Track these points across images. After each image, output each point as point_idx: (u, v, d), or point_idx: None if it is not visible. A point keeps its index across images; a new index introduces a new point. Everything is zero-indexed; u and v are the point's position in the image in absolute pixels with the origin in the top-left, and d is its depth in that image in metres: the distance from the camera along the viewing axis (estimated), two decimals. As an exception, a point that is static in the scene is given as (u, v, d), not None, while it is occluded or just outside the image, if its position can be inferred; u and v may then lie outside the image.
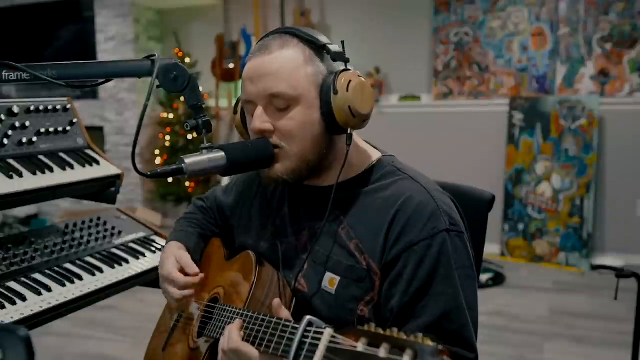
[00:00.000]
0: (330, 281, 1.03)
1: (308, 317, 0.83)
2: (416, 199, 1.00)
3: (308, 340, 0.80)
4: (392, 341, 0.64)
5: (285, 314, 0.95)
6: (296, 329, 0.83)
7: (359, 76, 1.01)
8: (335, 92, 0.98)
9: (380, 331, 0.67)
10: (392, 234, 0.99)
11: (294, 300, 1.07)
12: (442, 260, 0.97)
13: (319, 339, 0.77)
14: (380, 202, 1.03)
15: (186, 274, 1.16)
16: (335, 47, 1.02)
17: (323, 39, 1.03)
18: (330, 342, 0.74)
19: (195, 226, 1.32)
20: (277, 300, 0.96)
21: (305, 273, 1.08)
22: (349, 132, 1.02)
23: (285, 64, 1.00)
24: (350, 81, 0.99)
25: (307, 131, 1.01)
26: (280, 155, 1.02)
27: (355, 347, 0.67)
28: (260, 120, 1.01)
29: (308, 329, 0.81)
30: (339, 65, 1.03)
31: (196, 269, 1.16)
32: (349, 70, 1.02)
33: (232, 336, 0.94)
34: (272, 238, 1.16)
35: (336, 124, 1.00)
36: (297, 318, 0.89)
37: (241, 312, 1.02)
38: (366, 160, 1.09)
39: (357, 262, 1.01)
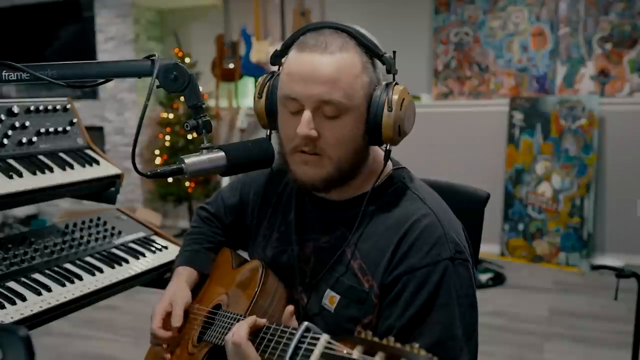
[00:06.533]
0: (331, 299, 1.02)
1: (306, 323, 0.83)
2: (423, 223, 0.98)
3: (304, 346, 0.80)
4: (388, 350, 0.64)
5: (293, 324, 0.94)
6: (294, 334, 0.83)
7: (408, 93, 0.99)
8: (390, 109, 0.95)
9: (377, 340, 0.67)
10: (396, 256, 0.97)
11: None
12: (441, 289, 0.95)
13: (315, 345, 0.76)
14: (387, 223, 1.01)
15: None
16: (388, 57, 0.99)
17: (379, 45, 1.00)
18: (326, 347, 0.74)
19: (202, 242, 1.29)
20: (290, 307, 0.94)
21: (307, 287, 1.06)
22: (387, 148, 1.00)
23: (345, 71, 0.95)
24: (403, 99, 0.97)
25: (351, 142, 0.98)
26: (317, 162, 0.99)
27: (351, 354, 0.68)
28: (308, 127, 0.95)
29: (305, 334, 0.81)
30: (385, 75, 1.00)
31: (179, 322, 1.13)
32: (398, 84, 0.99)
33: (240, 330, 0.92)
34: (277, 245, 1.14)
35: (379, 139, 0.98)
36: None
37: (241, 318, 1.01)
38: (379, 174, 1.06)
39: (358, 284, 1.00)
